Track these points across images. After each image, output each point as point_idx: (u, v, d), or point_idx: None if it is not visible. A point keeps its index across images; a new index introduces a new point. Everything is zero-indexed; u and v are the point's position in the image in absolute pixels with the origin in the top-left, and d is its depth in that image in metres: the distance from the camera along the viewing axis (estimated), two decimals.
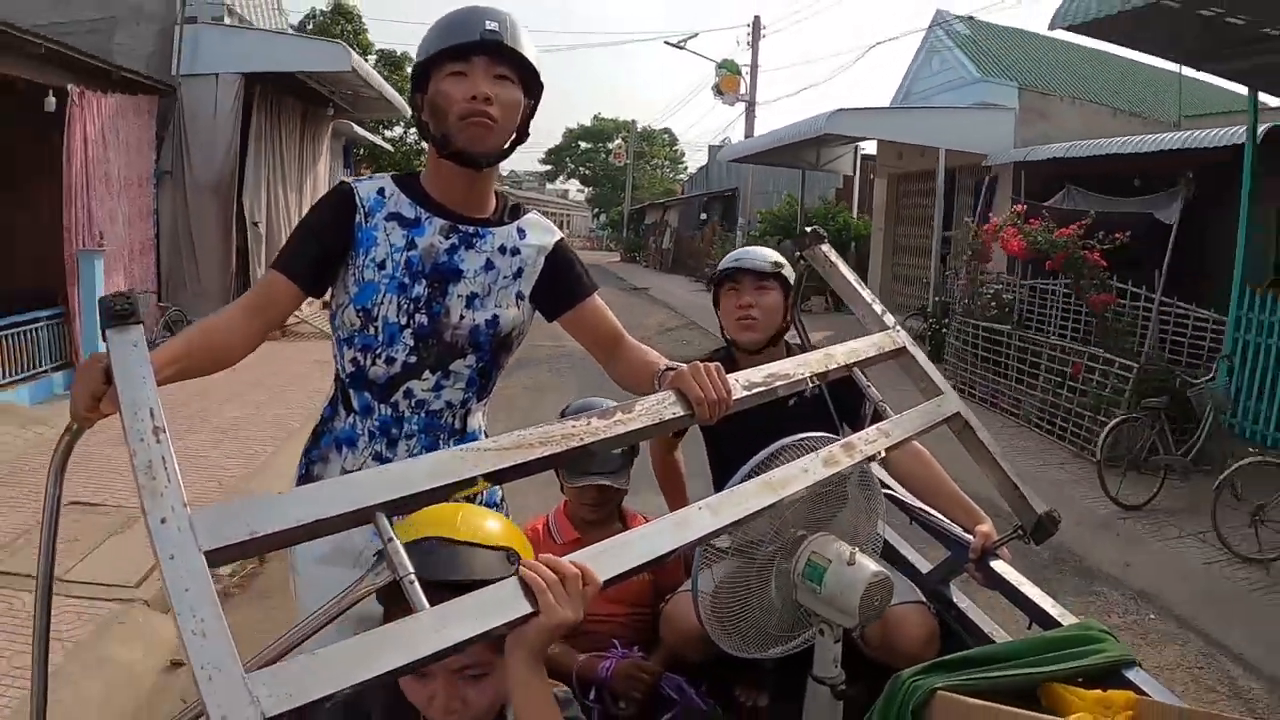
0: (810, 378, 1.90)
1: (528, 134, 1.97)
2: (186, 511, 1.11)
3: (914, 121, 15.45)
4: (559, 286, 2.05)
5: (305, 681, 1.05)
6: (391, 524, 1.28)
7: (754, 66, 25.27)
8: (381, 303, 1.90)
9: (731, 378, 1.72)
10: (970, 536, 2.22)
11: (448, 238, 1.95)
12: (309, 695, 1.03)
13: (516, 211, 2.04)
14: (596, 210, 59.67)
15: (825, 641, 1.90)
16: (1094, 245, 9.54)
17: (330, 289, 1.94)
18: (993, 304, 11.23)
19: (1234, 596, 5.96)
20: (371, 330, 1.91)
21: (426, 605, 1.20)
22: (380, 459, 1.95)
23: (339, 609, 1.30)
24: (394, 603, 1.32)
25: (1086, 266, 9.79)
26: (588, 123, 57.20)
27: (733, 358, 2.64)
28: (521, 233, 2.02)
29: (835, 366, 1.98)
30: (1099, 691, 1.73)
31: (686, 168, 50.34)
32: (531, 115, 1.95)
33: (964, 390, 9.69)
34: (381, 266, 1.90)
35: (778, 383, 1.84)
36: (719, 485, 2.57)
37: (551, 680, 1.52)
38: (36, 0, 10.38)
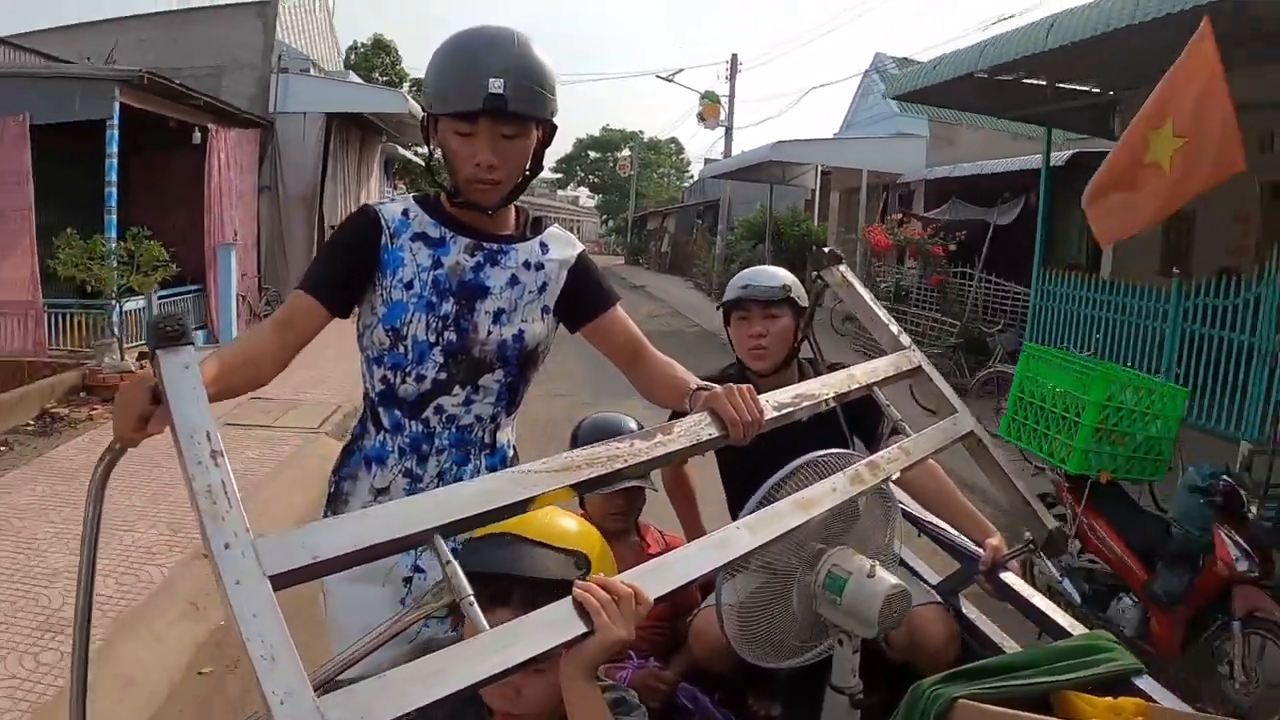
0: (834, 397, 1.72)
1: (541, 167, 1.77)
2: (249, 536, 0.97)
3: (841, 149, 17.19)
4: (581, 298, 1.84)
5: (374, 704, 0.92)
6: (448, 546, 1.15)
7: (731, 97, 26.68)
8: (410, 321, 1.71)
9: (762, 398, 1.56)
10: (980, 549, 2.01)
11: (473, 255, 1.75)
12: (382, 716, 0.91)
13: (538, 225, 1.84)
14: (605, 216, 57.71)
15: (844, 652, 1.71)
16: (936, 241, 12.11)
17: (356, 309, 1.77)
18: (881, 285, 13.43)
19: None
20: (401, 349, 1.72)
21: (487, 626, 1.08)
22: (410, 475, 1.78)
23: (395, 630, 1.19)
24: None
25: (931, 256, 12.25)
26: (596, 133, 55.53)
27: (745, 375, 2.38)
28: (544, 247, 1.82)
29: (856, 386, 1.78)
30: (1109, 699, 1.59)
31: (692, 176, 48.74)
32: (547, 144, 1.75)
33: (865, 352, 10.79)
34: (409, 286, 1.71)
35: (805, 403, 1.66)
36: (732, 498, 2.38)
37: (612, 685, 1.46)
38: (166, 50, 12.76)
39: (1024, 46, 6.95)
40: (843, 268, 2.00)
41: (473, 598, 1.10)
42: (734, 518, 2.07)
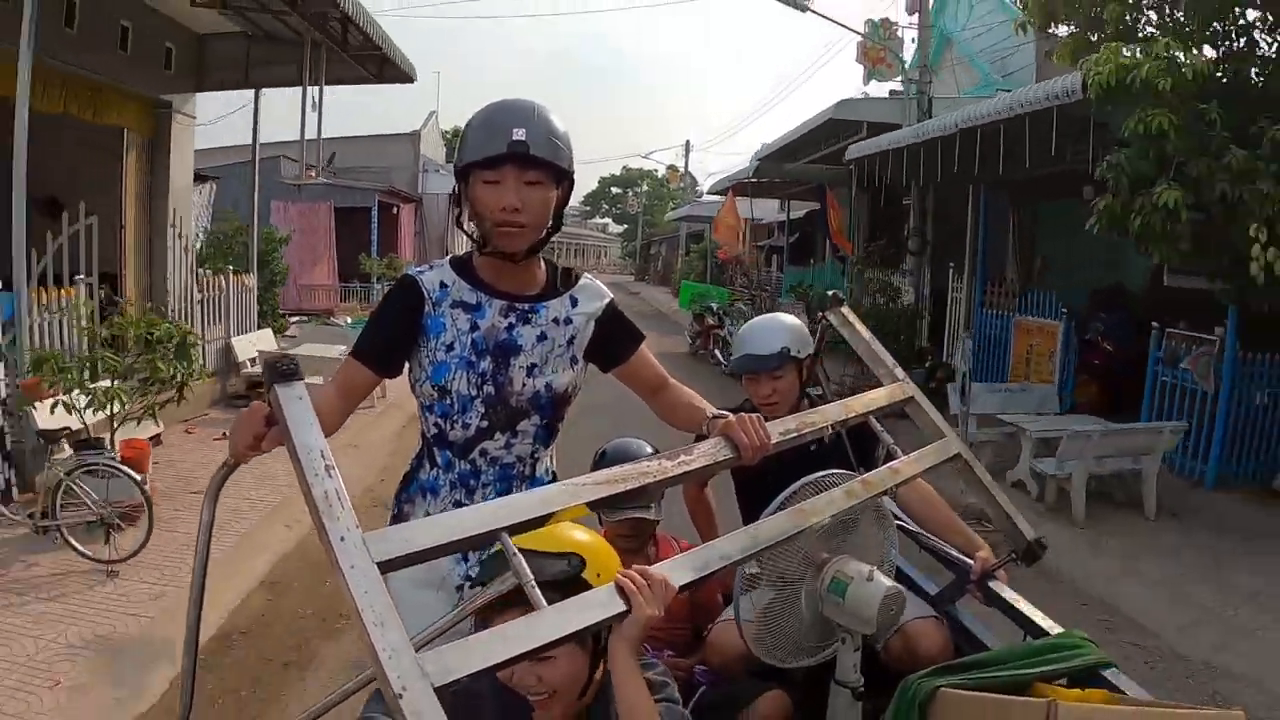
0: (832, 425, 1.99)
1: (561, 224, 1.98)
2: (359, 532, 1.21)
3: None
4: (610, 345, 2.09)
5: (460, 660, 1.18)
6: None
7: (686, 169, 38.50)
8: (454, 379, 1.96)
9: (769, 425, 1.84)
10: (971, 561, 2.25)
11: (506, 316, 1.98)
12: (464, 670, 1.17)
13: (569, 279, 2.06)
14: (624, 242, 69.09)
15: (846, 649, 1.97)
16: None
17: (406, 365, 2.03)
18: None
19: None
20: (448, 401, 1.98)
21: (545, 604, 1.34)
22: (459, 506, 2.02)
23: (469, 610, 1.46)
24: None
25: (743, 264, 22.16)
26: (618, 172, 67.69)
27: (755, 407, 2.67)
28: (574, 301, 2.04)
29: (853, 415, 2.06)
30: (1078, 690, 1.80)
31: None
32: (565, 203, 1.96)
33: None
34: (450, 349, 1.96)
35: (806, 430, 1.94)
36: (747, 515, 2.65)
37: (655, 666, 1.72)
38: (360, 158, 22.97)
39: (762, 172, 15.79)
40: (844, 309, 2.31)
41: (535, 581, 1.36)
42: None
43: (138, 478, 5.00)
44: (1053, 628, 2.05)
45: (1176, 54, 5.79)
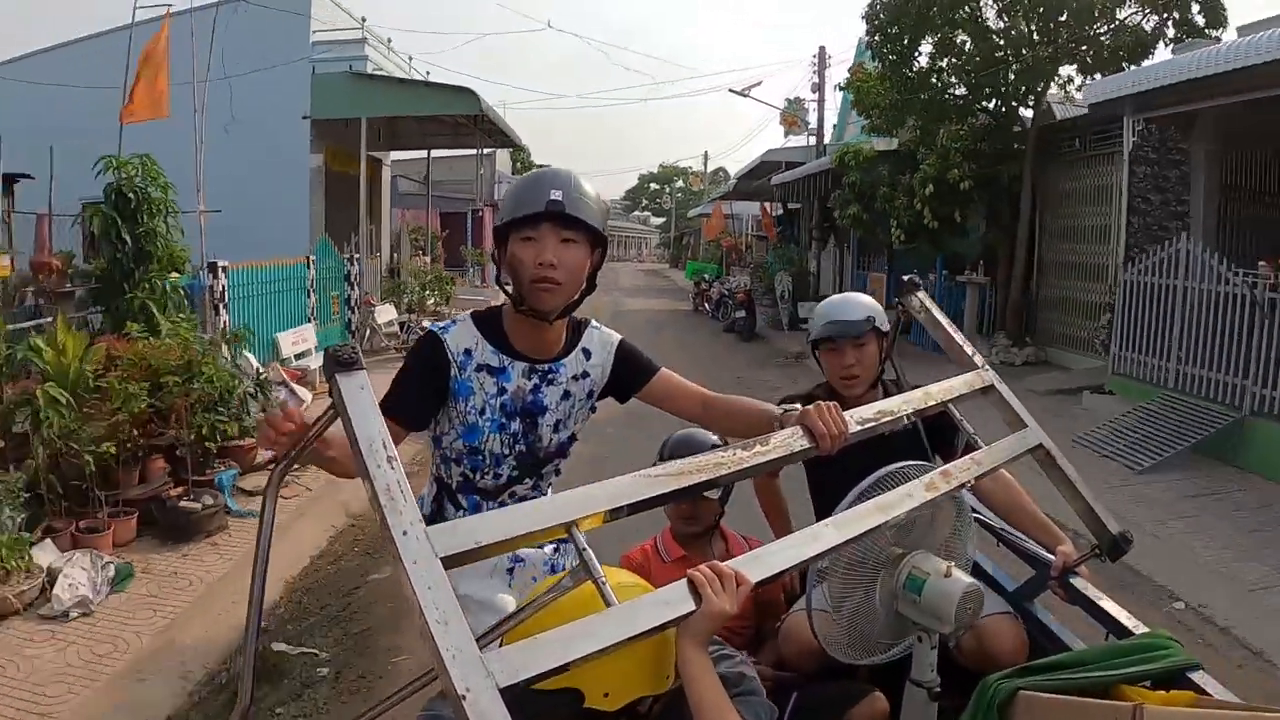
0: (910, 414, 1.93)
1: (595, 285, 2.05)
2: (422, 526, 1.17)
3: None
4: (622, 381, 2.18)
5: (527, 660, 1.13)
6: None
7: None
8: (487, 440, 2.06)
9: (846, 414, 1.79)
10: (1051, 555, 2.18)
11: (529, 378, 2.07)
12: (530, 671, 1.12)
13: (579, 330, 2.14)
14: (661, 233, 74.66)
15: (923, 648, 1.92)
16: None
17: (433, 421, 2.09)
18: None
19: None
20: (480, 457, 2.08)
21: (616, 602, 1.29)
22: None
23: (537, 607, 1.38)
24: None
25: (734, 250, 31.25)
26: (655, 169, 74.30)
27: (832, 396, 2.56)
28: (587, 354, 2.14)
29: (933, 403, 1.99)
30: (1163, 692, 1.74)
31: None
32: (599, 266, 2.04)
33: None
34: (482, 412, 2.04)
35: (885, 419, 1.88)
36: (819, 507, 2.59)
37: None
38: (450, 172, 25.95)
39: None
40: (921, 294, 2.23)
41: (605, 578, 1.31)
42: None
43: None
44: (1137, 627, 1.99)
45: (875, 143, 14.73)
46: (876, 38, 12.85)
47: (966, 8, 12.15)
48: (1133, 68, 10.64)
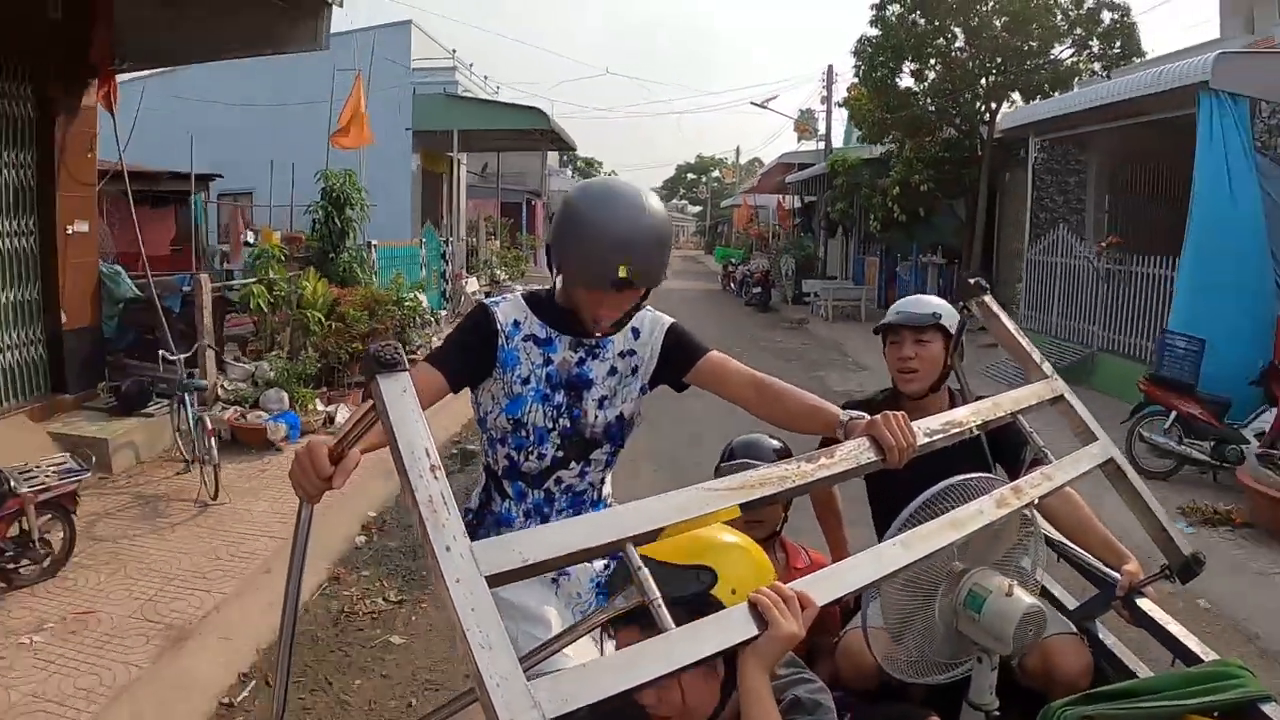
0: (979, 425, 1.42)
1: (641, 308, 1.61)
2: (466, 541, 0.84)
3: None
4: (673, 364, 1.64)
5: (577, 689, 0.82)
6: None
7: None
8: (530, 412, 1.58)
9: (915, 425, 1.31)
10: (1117, 575, 1.63)
11: (575, 351, 1.60)
12: (578, 702, 0.81)
13: (631, 310, 1.61)
14: (699, 222, 64.05)
15: (983, 669, 1.41)
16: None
17: (472, 393, 1.63)
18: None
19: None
20: (523, 433, 1.59)
21: (673, 626, 0.94)
22: None
23: (585, 629, 1.03)
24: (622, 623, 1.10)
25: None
26: (693, 160, 63.52)
27: (897, 401, 1.98)
28: (635, 333, 1.64)
29: (1001, 414, 1.47)
30: None
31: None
32: (646, 295, 1.58)
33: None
34: (526, 382, 1.58)
35: (953, 430, 1.38)
36: (879, 517, 1.99)
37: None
38: (508, 166, 21.79)
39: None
40: (988, 298, 1.65)
41: (660, 600, 0.96)
42: (880, 535, 1.80)
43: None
44: (1206, 653, 1.45)
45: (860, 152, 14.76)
46: (864, 68, 12.76)
47: (935, 45, 12.18)
48: (1059, 95, 10.84)
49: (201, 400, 5.34)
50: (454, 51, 17.44)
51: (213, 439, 4.50)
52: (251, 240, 9.39)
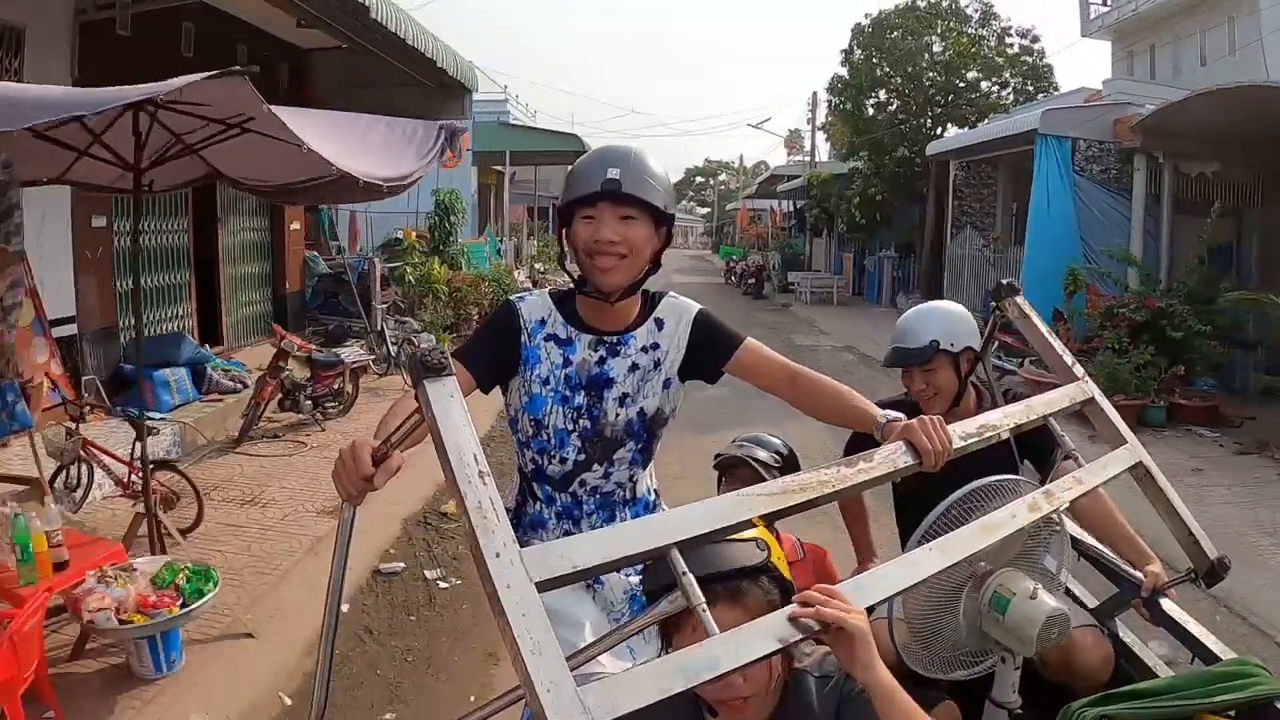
0: (1011, 428, 1.03)
1: (659, 265, 1.18)
2: (516, 548, 0.65)
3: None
4: (705, 355, 1.21)
5: (624, 695, 0.63)
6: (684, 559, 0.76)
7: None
8: (550, 413, 1.19)
9: (950, 428, 0.94)
10: (1140, 575, 1.24)
11: (595, 350, 1.19)
12: (628, 707, 0.63)
13: (653, 302, 1.22)
14: (706, 223, 54.68)
15: (1006, 668, 1.06)
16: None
17: (503, 393, 1.24)
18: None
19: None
20: (544, 436, 1.20)
21: (718, 631, 0.72)
22: (568, 535, 1.20)
23: (630, 632, 0.79)
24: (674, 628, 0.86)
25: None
26: (700, 164, 56.02)
27: (917, 405, 1.51)
28: (660, 323, 1.21)
29: (1034, 417, 1.07)
30: None
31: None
32: (665, 245, 1.17)
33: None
34: (546, 382, 1.19)
35: (987, 433, 1.00)
36: (902, 517, 1.55)
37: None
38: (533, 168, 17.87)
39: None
40: (1020, 299, 1.23)
41: (705, 605, 0.74)
42: (904, 536, 1.42)
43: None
44: (1225, 652, 1.10)
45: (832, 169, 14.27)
46: (835, 101, 13.13)
47: (890, 84, 12.54)
48: (985, 124, 10.93)
49: (393, 339, 6.33)
50: (505, 87, 17.58)
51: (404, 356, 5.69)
52: (399, 237, 9.79)
